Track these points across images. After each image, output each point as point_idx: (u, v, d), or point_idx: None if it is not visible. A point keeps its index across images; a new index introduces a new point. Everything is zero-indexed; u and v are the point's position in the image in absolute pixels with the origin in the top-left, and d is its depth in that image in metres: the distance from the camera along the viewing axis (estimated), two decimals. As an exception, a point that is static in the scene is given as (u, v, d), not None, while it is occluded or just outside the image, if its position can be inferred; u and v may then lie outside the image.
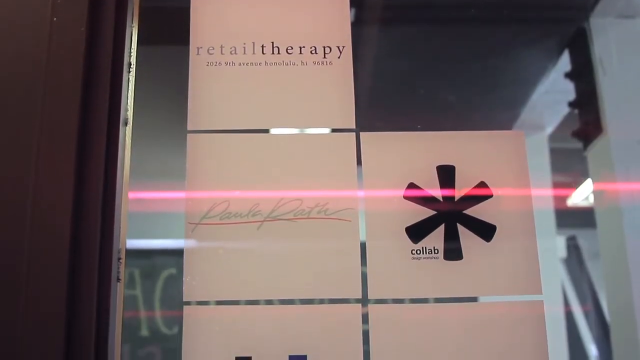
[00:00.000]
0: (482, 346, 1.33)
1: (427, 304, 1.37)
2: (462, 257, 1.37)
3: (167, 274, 3.28)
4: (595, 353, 3.59)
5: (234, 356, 1.30)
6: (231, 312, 1.34)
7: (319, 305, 1.35)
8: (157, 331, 3.27)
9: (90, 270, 1.23)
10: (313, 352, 1.31)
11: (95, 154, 1.29)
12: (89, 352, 1.20)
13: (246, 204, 1.37)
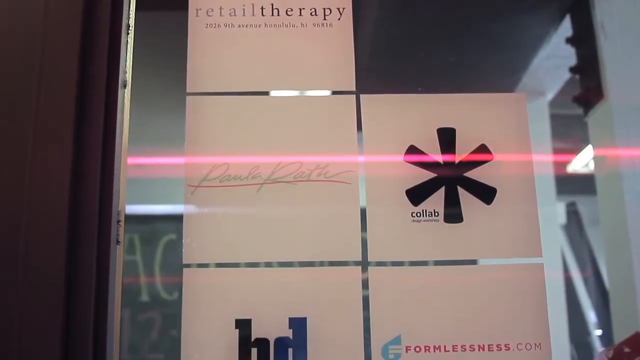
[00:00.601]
0: (481, 308, 1.33)
1: (427, 267, 1.36)
2: (462, 220, 1.36)
3: (167, 239, 3.28)
4: (594, 319, 3.60)
5: (234, 319, 1.31)
6: (231, 275, 1.34)
7: (319, 268, 1.35)
8: (157, 296, 3.28)
9: (90, 233, 1.23)
10: (313, 315, 1.31)
11: (94, 117, 1.28)
12: (88, 314, 1.20)
13: (246, 166, 1.37)
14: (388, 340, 1.31)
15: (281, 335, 1.30)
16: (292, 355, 1.29)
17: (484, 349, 1.31)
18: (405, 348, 1.30)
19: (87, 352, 1.19)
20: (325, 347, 1.30)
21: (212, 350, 1.29)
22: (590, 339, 3.52)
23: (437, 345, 1.31)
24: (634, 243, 2.52)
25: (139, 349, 3.20)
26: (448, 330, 1.32)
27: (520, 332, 1.32)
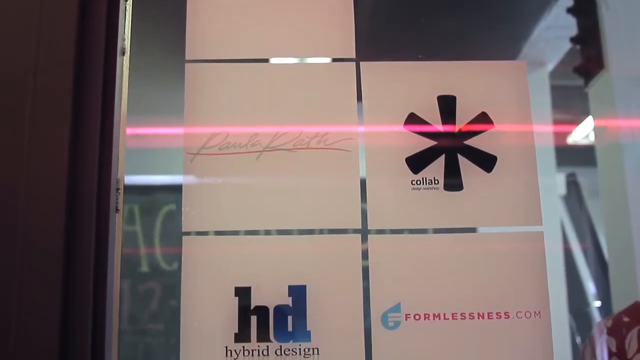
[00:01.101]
0: (481, 277, 1.33)
1: (426, 235, 1.36)
2: (462, 188, 1.36)
3: (167, 210, 3.28)
4: (593, 290, 3.60)
5: (234, 286, 1.31)
6: (230, 243, 1.34)
7: (319, 236, 1.35)
8: (157, 267, 3.28)
9: (89, 201, 1.23)
10: (312, 282, 1.31)
11: (93, 83, 1.27)
12: (88, 283, 1.20)
13: (245, 134, 1.36)
14: (388, 308, 1.31)
15: (281, 303, 1.30)
16: (292, 323, 1.29)
17: (483, 317, 1.31)
18: (405, 316, 1.30)
19: (86, 321, 1.19)
20: (324, 314, 1.30)
21: (211, 318, 1.30)
22: (590, 309, 3.52)
23: (437, 313, 1.31)
24: (634, 214, 2.52)
25: (139, 319, 3.21)
26: (448, 298, 1.32)
27: (520, 301, 1.32)
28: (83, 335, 1.19)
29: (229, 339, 1.29)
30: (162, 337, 3.19)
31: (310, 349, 1.28)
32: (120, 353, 1.29)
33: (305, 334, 1.29)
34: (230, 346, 1.28)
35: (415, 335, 1.30)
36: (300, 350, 1.28)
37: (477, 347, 1.30)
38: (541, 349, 1.31)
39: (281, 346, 1.28)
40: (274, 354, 1.28)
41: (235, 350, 1.28)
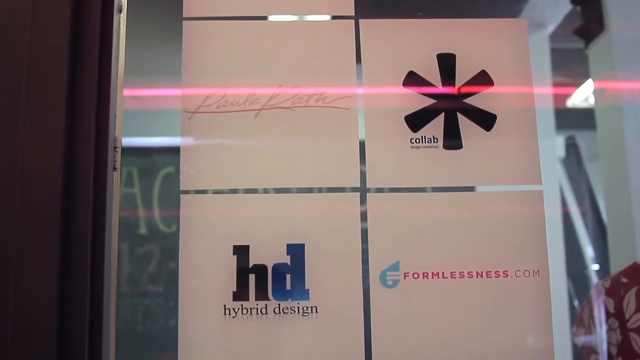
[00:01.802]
0: (480, 235, 1.33)
1: (425, 193, 1.36)
2: (461, 146, 1.35)
3: (166, 172, 3.28)
4: (592, 254, 3.61)
5: (232, 245, 1.30)
6: (229, 201, 1.34)
7: (317, 194, 1.35)
8: (155, 229, 3.28)
9: (86, 159, 1.23)
10: (311, 241, 1.31)
11: (90, 41, 1.27)
12: (85, 241, 1.20)
13: (243, 92, 1.35)
14: (386, 266, 1.31)
15: (279, 261, 1.30)
16: (290, 281, 1.29)
17: (482, 275, 1.31)
18: (404, 274, 1.30)
19: (85, 283, 1.19)
20: (323, 273, 1.30)
21: (209, 277, 1.30)
22: (588, 272, 3.53)
23: (436, 272, 1.31)
24: (633, 177, 2.52)
25: (138, 281, 3.22)
26: (446, 256, 1.32)
27: (519, 259, 1.32)
28: (81, 297, 1.19)
29: (227, 297, 1.29)
30: (161, 299, 3.20)
31: (309, 307, 1.29)
32: (119, 315, 1.29)
33: (304, 292, 1.29)
34: (229, 305, 1.28)
35: (414, 293, 1.30)
36: (299, 308, 1.28)
37: (475, 306, 1.30)
38: (540, 307, 1.31)
39: (280, 304, 1.28)
40: (272, 313, 1.28)
41: (234, 309, 1.28)
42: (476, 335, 1.30)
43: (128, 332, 3.14)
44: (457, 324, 1.30)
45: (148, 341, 3.12)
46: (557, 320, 1.32)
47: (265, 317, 1.28)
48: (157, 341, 3.10)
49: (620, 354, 1.65)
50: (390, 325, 1.29)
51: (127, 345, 2.32)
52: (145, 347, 2.99)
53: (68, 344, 1.17)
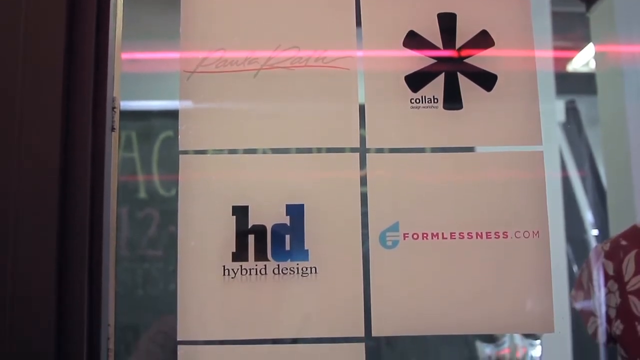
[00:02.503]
0: (480, 196, 1.33)
1: (425, 154, 1.35)
2: (461, 107, 1.35)
3: (165, 136, 3.27)
4: (591, 219, 3.60)
5: (231, 205, 1.30)
6: (228, 162, 1.33)
7: (317, 155, 1.34)
8: (155, 193, 3.28)
9: (85, 119, 1.22)
10: (310, 201, 1.31)
11: (88, 3, 1.26)
12: (84, 202, 1.20)
13: (242, 51, 1.34)
14: (386, 227, 1.30)
15: (278, 222, 1.30)
16: (290, 242, 1.29)
17: (481, 236, 1.31)
18: (403, 235, 1.30)
19: (83, 246, 1.19)
20: (322, 233, 1.30)
21: (209, 238, 1.30)
22: (587, 237, 3.53)
23: (435, 233, 1.31)
24: (633, 141, 2.51)
25: (138, 245, 3.22)
26: (446, 217, 1.31)
27: (519, 220, 1.32)
28: (80, 261, 1.19)
29: (226, 258, 1.29)
30: (161, 263, 3.20)
31: (308, 267, 1.29)
32: (119, 279, 1.29)
33: (303, 253, 1.29)
34: (228, 265, 1.28)
35: (413, 254, 1.30)
36: (298, 269, 1.28)
37: (475, 267, 1.30)
38: (539, 268, 1.31)
39: (279, 265, 1.28)
40: (271, 273, 1.28)
41: (233, 270, 1.28)
42: (475, 296, 1.30)
43: (128, 295, 3.14)
44: (456, 284, 1.30)
45: (148, 305, 3.13)
46: (556, 283, 1.32)
47: (264, 277, 1.28)
48: (157, 304, 3.11)
49: (619, 317, 1.65)
50: (390, 286, 1.29)
51: (127, 308, 2.32)
52: (145, 310, 3.00)
53: (67, 307, 1.17)
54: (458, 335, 1.30)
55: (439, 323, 1.30)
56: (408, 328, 1.31)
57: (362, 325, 1.28)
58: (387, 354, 3.11)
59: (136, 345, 1.98)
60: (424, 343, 3.14)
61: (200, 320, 1.28)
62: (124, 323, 1.74)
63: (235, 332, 1.29)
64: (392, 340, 3.09)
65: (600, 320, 1.72)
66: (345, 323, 1.28)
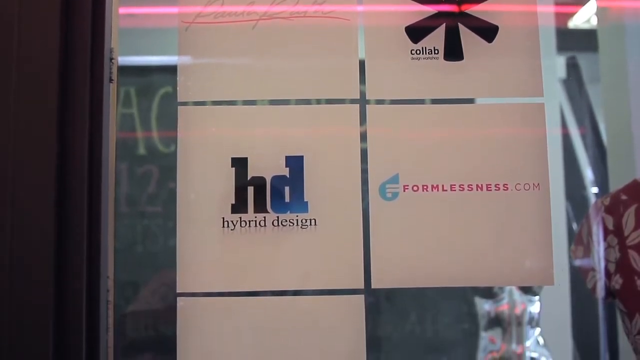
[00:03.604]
0: (480, 148, 1.32)
1: (425, 105, 1.34)
2: (462, 58, 1.34)
3: (164, 92, 3.26)
4: (591, 176, 3.60)
5: (230, 157, 1.30)
6: (227, 113, 1.33)
7: (316, 106, 1.33)
8: (154, 149, 3.27)
9: (82, 69, 1.21)
10: (310, 153, 1.30)
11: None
12: (82, 153, 1.19)
13: (241, 2, 1.33)
14: (386, 179, 1.30)
15: (278, 173, 1.29)
16: (289, 194, 1.29)
17: (482, 188, 1.30)
18: (403, 187, 1.30)
19: (82, 201, 1.19)
20: (322, 185, 1.29)
21: (208, 189, 1.29)
22: (587, 193, 3.53)
23: (435, 185, 1.30)
24: (633, 98, 2.51)
25: (137, 201, 3.22)
26: (446, 169, 1.31)
27: (519, 172, 1.31)
28: (79, 216, 1.18)
29: (225, 210, 1.28)
30: (161, 219, 3.20)
31: (308, 219, 1.28)
32: (119, 235, 1.29)
33: (303, 204, 1.29)
34: (227, 217, 1.28)
35: (413, 206, 1.30)
36: (298, 221, 1.28)
37: (475, 219, 1.30)
38: (540, 220, 1.31)
39: (278, 217, 1.28)
40: (271, 225, 1.28)
41: (232, 221, 1.28)
42: (475, 248, 1.30)
43: (127, 251, 3.15)
44: (456, 236, 1.30)
45: (148, 260, 3.14)
46: (556, 237, 1.32)
47: (263, 229, 1.28)
48: (157, 260, 3.12)
49: (619, 271, 1.66)
50: (390, 238, 1.29)
51: (126, 264, 2.33)
52: (145, 266, 3.01)
53: (66, 260, 1.17)
54: (457, 288, 1.31)
55: (439, 275, 1.30)
56: (408, 280, 1.31)
57: (362, 277, 1.28)
58: (387, 309, 3.13)
59: (135, 297, 1.99)
60: (423, 299, 3.16)
61: (200, 272, 1.28)
62: (124, 279, 1.75)
63: (235, 284, 1.29)
64: (392, 297, 3.10)
65: (599, 274, 1.72)
66: (344, 275, 1.28)
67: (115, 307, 1.26)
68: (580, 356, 3.17)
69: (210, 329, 1.28)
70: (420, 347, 3.15)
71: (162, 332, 2.15)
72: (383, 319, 3.13)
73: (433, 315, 3.14)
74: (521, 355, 2.80)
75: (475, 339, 2.91)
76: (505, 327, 2.82)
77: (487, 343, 2.85)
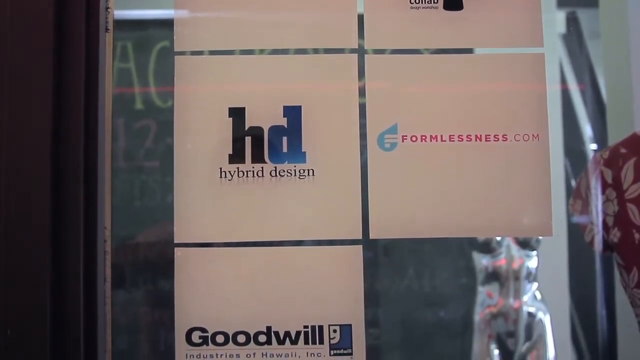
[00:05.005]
0: (480, 98, 1.31)
1: (424, 55, 1.33)
2: (462, 7, 1.32)
3: (160, 46, 3.24)
4: (590, 133, 3.60)
5: (227, 107, 1.29)
6: (225, 63, 1.31)
7: (314, 55, 1.32)
8: (152, 104, 3.26)
9: (78, 17, 1.21)
10: (308, 103, 1.29)
11: None
12: (78, 102, 1.20)
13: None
14: (384, 129, 1.29)
15: (275, 123, 1.28)
16: (287, 144, 1.28)
17: (481, 139, 1.30)
18: (402, 137, 1.29)
19: (78, 146, 1.19)
20: (320, 135, 1.29)
21: (205, 139, 1.29)
22: (585, 149, 3.53)
23: (434, 135, 1.29)
24: (634, 54, 2.50)
25: (135, 156, 3.22)
26: (445, 120, 1.30)
27: (519, 123, 1.31)
28: (75, 170, 1.18)
29: (223, 160, 1.28)
30: (159, 174, 3.20)
31: (306, 170, 1.28)
32: (117, 190, 1.29)
33: (300, 155, 1.28)
34: (225, 167, 1.28)
35: (412, 157, 1.29)
36: (295, 171, 1.28)
37: (473, 169, 1.30)
38: (539, 171, 1.30)
39: (276, 167, 1.28)
40: (268, 175, 1.27)
41: (230, 172, 1.27)
42: (474, 199, 1.30)
43: (125, 207, 3.15)
44: (455, 187, 1.30)
45: (145, 215, 3.14)
46: (554, 190, 1.31)
47: (261, 179, 1.27)
48: (155, 215, 3.12)
49: (617, 225, 1.66)
50: (388, 189, 1.29)
51: (124, 218, 2.33)
52: (143, 220, 3.01)
53: (63, 211, 1.18)
54: (455, 242, 1.31)
55: (437, 226, 1.30)
56: (406, 231, 1.31)
57: (360, 228, 1.28)
58: (384, 262, 3.14)
59: (132, 247, 1.99)
60: (420, 254, 3.16)
61: (197, 223, 1.28)
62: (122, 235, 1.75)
63: (232, 234, 1.29)
64: (390, 251, 3.11)
65: (597, 228, 1.72)
66: (342, 225, 1.28)
67: (112, 257, 1.26)
68: (577, 310, 3.19)
69: (208, 279, 1.28)
70: (417, 302, 3.17)
71: (159, 283, 2.16)
72: (381, 272, 3.14)
73: (431, 270, 3.15)
74: (518, 310, 2.81)
75: (472, 294, 2.92)
76: (502, 282, 2.84)
77: (484, 297, 2.87)
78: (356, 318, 1.28)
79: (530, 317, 2.83)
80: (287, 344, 1.27)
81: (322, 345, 1.27)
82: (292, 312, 1.28)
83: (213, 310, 1.28)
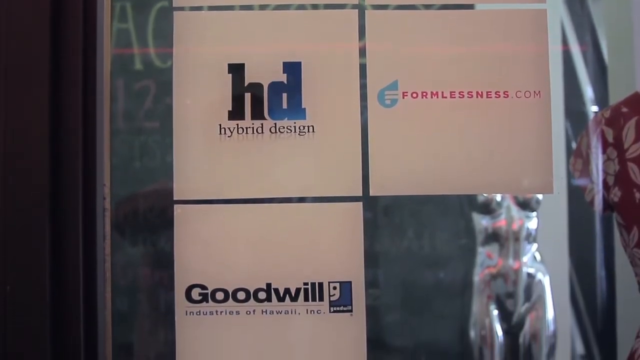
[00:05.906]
0: (480, 55, 1.31)
1: (425, 11, 1.33)
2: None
3: (160, 6, 3.22)
4: (591, 95, 3.59)
5: (227, 63, 1.28)
6: (224, 18, 1.31)
7: (314, 11, 1.31)
8: (151, 65, 3.25)
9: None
10: (308, 59, 1.28)
11: None
12: (77, 63, 1.19)
13: None
14: (384, 85, 1.29)
15: (275, 80, 1.28)
16: (287, 100, 1.28)
17: (482, 95, 1.29)
18: (402, 94, 1.29)
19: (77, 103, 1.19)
20: (320, 92, 1.28)
21: (204, 96, 1.28)
22: (586, 110, 3.52)
23: (435, 92, 1.29)
24: (636, 15, 2.48)
25: (135, 117, 3.21)
26: (446, 76, 1.30)
27: (520, 80, 1.30)
28: (74, 130, 1.18)
29: (222, 116, 1.27)
30: (158, 135, 3.19)
31: (306, 126, 1.27)
32: (117, 152, 1.29)
33: (300, 111, 1.28)
34: (224, 124, 1.27)
35: (412, 113, 1.29)
36: (295, 127, 1.27)
37: (474, 126, 1.29)
38: (540, 128, 1.30)
39: (276, 124, 1.27)
40: (268, 132, 1.27)
41: (229, 128, 1.27)
42: (475, 156, 1.30)
43: (124, 167, 3.15)
44: (456, 144, 1.29)
45: (145, 175, 3.14)
46: (555, 148, 1.31)
47: (261, 136, 1.27)
48: (154, 175, 3.12)
49: (617, 184, 1.65)
50: (388, 145, 1.29)
51: (124, 178, 2.33)
52: (143, 179, 3.02)
53: (61, 170, 1.18)
54: (455, 203, 1.31)
55: (437, 183, 1.30)
56: (406, 188, 1.31)
57: (360, 185, 1.28)
58: (384, 223, 3.14)
59: (132, 205, 1.99)
60: (421, 214, 3.17)
61: (197, 179, 1.28)
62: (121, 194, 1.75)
63: (232, 191, 1.29)
64: (390, 212, 3.11)
65: (598, 187, 1.72)
66: (342, 182, 1.28)
67: (111, 215, 1.26)
68: (577, 271, 3.20)
69: (207, 236, 1.28)
70: (417, 262, 3.18)
71: (158, 241, 2.16)
72: (381, 233, 3.14)
73: (431, 231, 3.15)
74: (518, 271, 2.82)
75: (472, 255, 2.93)
76: (502, 243, 2.84)
77: (484, 258, 2.88)
78: (356, 275, 1.28)
79: (530, 278, 2.83)
80: (287, 301, 1.27)
81: (322, 302, 1.28)
82: (292, 269, 1.28)
83: (213, 267, 1.28)
